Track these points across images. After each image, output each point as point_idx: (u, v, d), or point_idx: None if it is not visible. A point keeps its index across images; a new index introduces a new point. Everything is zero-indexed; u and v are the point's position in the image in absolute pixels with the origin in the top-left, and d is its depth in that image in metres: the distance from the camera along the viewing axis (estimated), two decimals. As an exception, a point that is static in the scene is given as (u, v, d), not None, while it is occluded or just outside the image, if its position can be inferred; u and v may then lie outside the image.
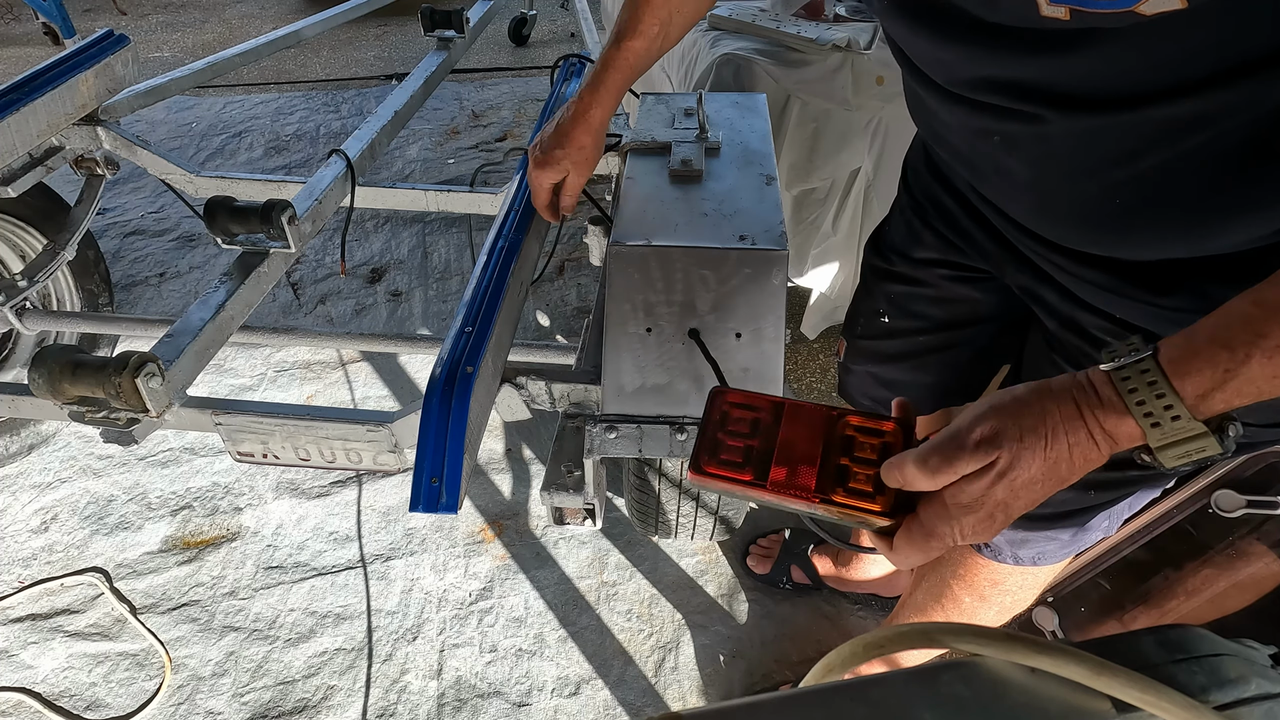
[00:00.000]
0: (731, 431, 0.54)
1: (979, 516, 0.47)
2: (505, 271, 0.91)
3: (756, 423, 0.54)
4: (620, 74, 0.81)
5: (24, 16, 4.64)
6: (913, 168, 0.90)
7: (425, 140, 3.04)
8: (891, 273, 0.94)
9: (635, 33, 0.78)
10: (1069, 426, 0.45)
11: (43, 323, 1.47)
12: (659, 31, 0.80)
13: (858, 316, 1.03)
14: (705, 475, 0.53)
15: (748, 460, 0.53)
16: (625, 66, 0.81)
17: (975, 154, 0.67)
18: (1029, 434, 0.45)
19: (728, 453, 0.53)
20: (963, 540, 0.48)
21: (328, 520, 1.58)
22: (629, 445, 0.85)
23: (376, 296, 2.22)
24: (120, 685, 1.32)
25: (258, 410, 0.86)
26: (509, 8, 3.87)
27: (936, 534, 0.48)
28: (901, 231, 0.93)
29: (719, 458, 0.53)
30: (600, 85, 0.83)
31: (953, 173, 0.77)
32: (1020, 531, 0.83)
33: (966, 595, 0.96)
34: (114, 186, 2.70)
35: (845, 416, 0.53)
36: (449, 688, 1.32)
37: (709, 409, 0.56)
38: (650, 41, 0.79)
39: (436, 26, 1.78)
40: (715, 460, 0.53)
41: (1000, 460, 0.45)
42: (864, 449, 0.51)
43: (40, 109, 1.23)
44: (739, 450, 0.53)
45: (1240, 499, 0.89)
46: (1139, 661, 0.32)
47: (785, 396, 0.55)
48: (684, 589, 1.47)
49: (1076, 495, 0.77)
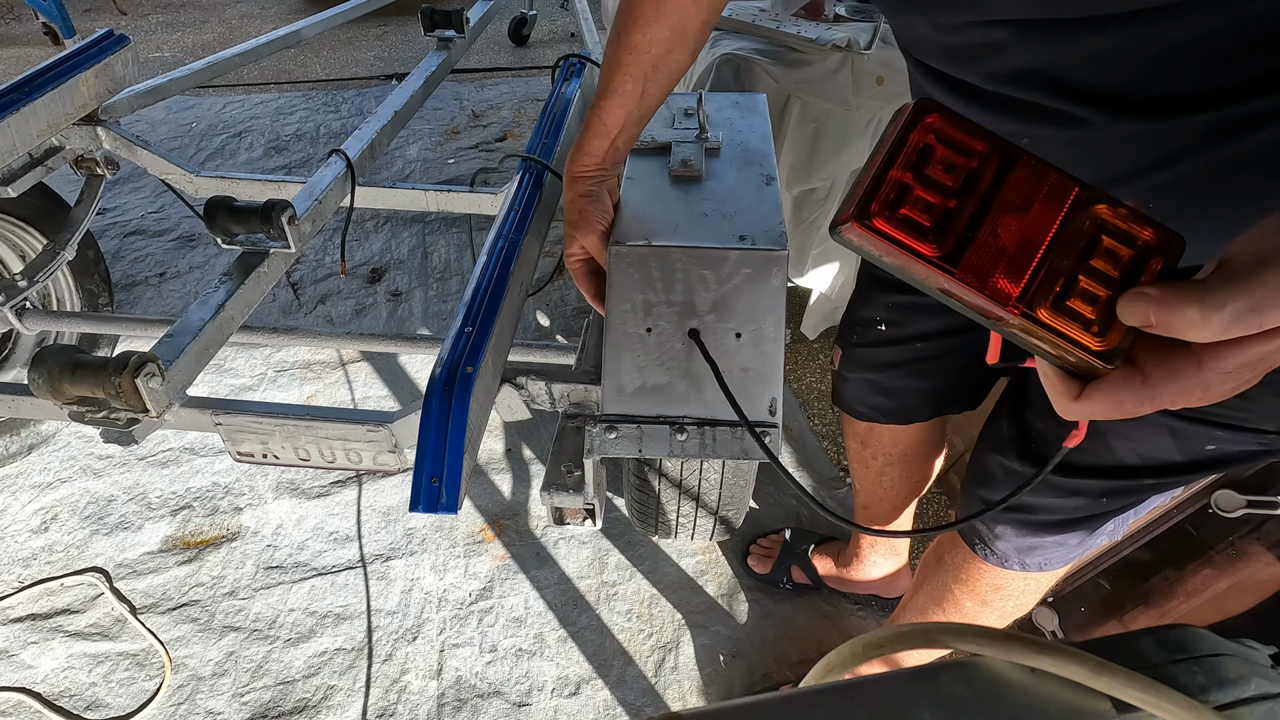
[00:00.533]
0: (928, 177, 0.38)
1: (1232, 386, 0.35)
2: (505, 271, 0.91)
3: (964, 172, 0.38)
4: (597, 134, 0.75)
5: (24, 16, 4.64)
6: None
7: (425, 140, 3.04)
8: (890, 282, 0.93)
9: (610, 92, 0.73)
10: None
11: (43, 323, 1.47)
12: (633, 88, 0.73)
13: (854, 325, 1.02)
14: (871, 231, 0.38)
15: (939, 226, 0.38)
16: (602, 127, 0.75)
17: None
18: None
19: (914, 206, 0.38)
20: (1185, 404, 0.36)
21: (328, 520, 1.58)
22: (629, 445, 0.85)
23: (376, 296, 2.22)
24: (120, 685, 1.32)
25: (258, 410, 0.86)
26: (509, 8, 3.87)
27: (1161, 397, 0.36)
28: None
29: (898, 211, 0.38)
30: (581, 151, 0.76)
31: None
32: (1030, 538, 0.83)
33: (968, 599, 0.96)
34: (114, 186, 2.70)
35: (1099, 202, 0.37)
36: (449, 688, 1.32)
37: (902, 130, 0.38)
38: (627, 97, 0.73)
39: (436, 26, 1.78)
40: (892, 213, 0.38)
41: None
42: (1105, 256, 0.37)
43: (40, 109, 1.23)
44: (930, 207, 0.38)
45: (1240, 499, 0.90)
46: (1139, 661, 0.32)
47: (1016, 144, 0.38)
48: (684, 589, 1.47)
49: (1090, 503, 0.76)
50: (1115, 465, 0.72)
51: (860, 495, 1.27)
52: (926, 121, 0.38)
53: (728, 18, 1.66)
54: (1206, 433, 0.64)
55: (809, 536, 1.48)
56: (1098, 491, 0.75)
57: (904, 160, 0.38)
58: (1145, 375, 0.36)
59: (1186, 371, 0.35)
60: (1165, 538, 1.00)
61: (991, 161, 0.38)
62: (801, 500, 1.63)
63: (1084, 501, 0.76)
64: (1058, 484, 0.77)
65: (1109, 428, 0.69)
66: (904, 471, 1.17)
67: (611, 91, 0.73)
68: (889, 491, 1.21)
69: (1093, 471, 0.74)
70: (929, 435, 1.12)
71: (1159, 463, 0.69)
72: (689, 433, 0.85)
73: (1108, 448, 0.71)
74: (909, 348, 0.95)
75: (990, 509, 0.64)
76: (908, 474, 1.18)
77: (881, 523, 1.28)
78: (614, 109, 0.74)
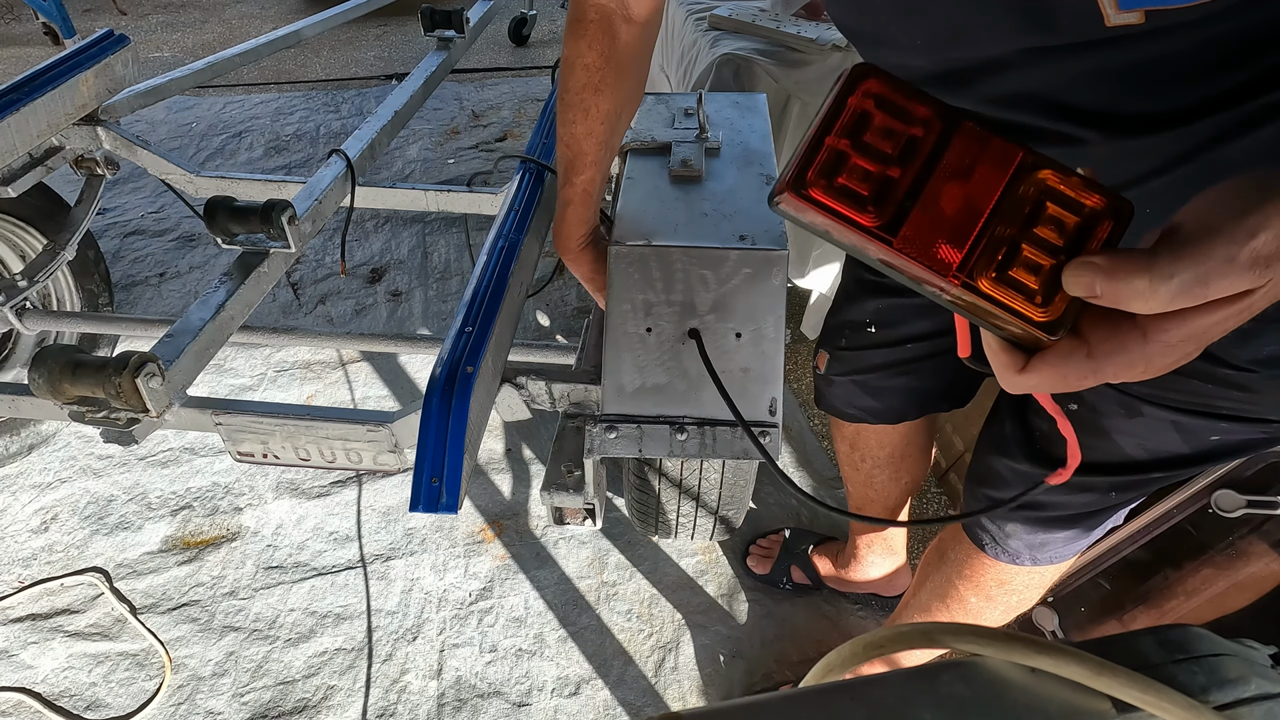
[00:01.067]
0: (866, 145, 0.36)
1: (1174, 360, 0.35)
2: (505, 271, 0.91)
3: (905, 139, 0.36)
4: (582, 206, 0.81)
5: (24, 16, 4.64)
6: None
7: (425, 140, 3.04)
8: (879, 285, 0.93)
9: (580, 167, 0.78)
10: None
11: (43, 323, 1.47)
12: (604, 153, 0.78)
13: (842, 329, 1.01)
14: (807, 201, 0.36)
15: (877, 195, 0.36)
16: (584, 199, 0.80)
17: None
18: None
19: (851, 175, 0.36)
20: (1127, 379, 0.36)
21: (328, 520, 1.58)
22: (629, 445, 0.85)
23: (376, 296, 2.22)
24: (120, 685, 1.32)
25: (258, 410, 0.86)
26: (509, 8, 3.88)
27: (1104, 370, 0.35)
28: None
29: (835, 180, 0.36)
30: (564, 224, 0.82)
31: None
32: (1041, 535, 0.83)
33: (972, 595, 0.95)
34: (114, 186, 2.70)
35: (1044, 168, 0.36)
36: (449, 688, 1.32)
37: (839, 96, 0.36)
38: (597, 170, 0.78)
39: (436, 26, 1.78)
40: (829, 182, 0.36)
41: (1265, 286, 0.32)
42: (1051, 224, 0.35)
43: (40, 109, 1.23)
44: (868, 175, 0.36)
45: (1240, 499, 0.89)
46: (1139, 661, 0.32)
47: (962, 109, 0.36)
48: (684, 589, 1.47)
49: (1100, 497, 0.77)
50: (1123, 461, 0.72)
51: (852, 498, 1.27)
52: (864, 86, 0.36)
53: (728, 18, 1.66)
54: (1211, 425, 0.64)
55: (808, 536, 1.48)
56: (1106, 487, 0.75)
57: (841, 127, 0.36)
58: (1090, 348, 0.36)
59: (1131, 344, 0.35)
60: (1165, 538, 1.00)
61: (933, 127, 0.36)
62: (801, 500, 1.63)
63: (1094, 496, 0.77)
64: (1068, 482, 0.77)
65: (1113, 426, 0.70)
66: (893, 473, 1.17)
67: (590, 165, 0.78)
68: (879, 493, 1.21)
69: (1101, 469, 0.74)
70: (917, 435, 1.12)
71: (1166, 456, 0.70)
72: (689, 432, 0.85)
73: (1114, 444, 0.71)
74: (900, 349, 0.95)
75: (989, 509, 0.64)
76: (897, 475, 1.17)
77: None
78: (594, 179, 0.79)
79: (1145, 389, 0.65)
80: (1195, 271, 0.31)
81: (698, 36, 1.70)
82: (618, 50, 0.72)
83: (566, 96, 0.75)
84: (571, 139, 0.76)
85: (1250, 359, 0.56)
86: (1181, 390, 0.63)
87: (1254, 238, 0.31)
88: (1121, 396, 0.67)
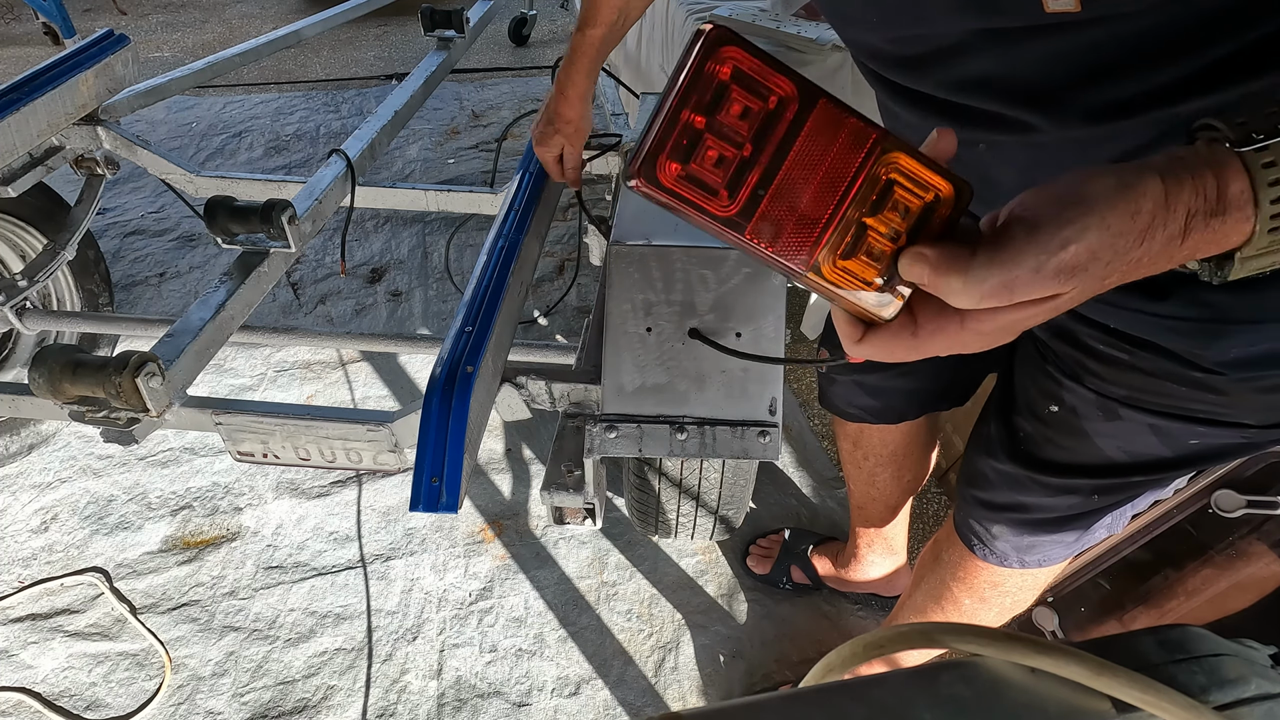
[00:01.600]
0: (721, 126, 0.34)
1: (988, 343, 0.38)
2: (505, 271, 0.91)
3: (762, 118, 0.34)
4: (586, 58, 0.92)
5: (24, 16, 4.64)
6: None
7: (425, 140, 3.04)
8: None
9: (595, 22, 0.89)
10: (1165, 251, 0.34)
11: (43, 322, 1.47)
12: (617, 18, 0.90)
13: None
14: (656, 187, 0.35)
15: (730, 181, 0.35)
16: (590, 51, 0.92)
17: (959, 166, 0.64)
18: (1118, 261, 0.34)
19: (704, 161, 0.35)
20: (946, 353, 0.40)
21: (328, 520, 1.58)
22: (629, 445, 0.85)
23: (376, 296, 2.22)
24: (120, 685, 1.32)
25: (258, 410, 0.86)
26: (509, 8, 3.87)
27: (926, 348, 0.39)
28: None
29: (689, 166, 0.35)
30: (571, 68, 0.94)
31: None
32: (1028, 537, 0.83)
33: (966, 597, 0.96)
34: (114, 186, 2.70)
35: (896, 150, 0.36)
36: (449, 688, 1.32)
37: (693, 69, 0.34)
38: (610, 28, 0.90)
39: (436, 26, 1.78)
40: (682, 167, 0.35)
41: (1071, 294, 0.35)
42: (896, 209, 0.36)
43: (40, 109, 1.23)
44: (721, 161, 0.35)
45: (1240, 499, 0.89)
46: (1139, 661, 0.32)
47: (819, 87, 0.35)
48: (684, 589, 1.47)
49: (1083, 500, 0.76)
50: (1104, 464, 0.72)
51: (854, 496, 1.28)
52: (723, 52, 0.33)
53: (727, 18, 1.66)
54: (1189, 429, 0.64)
55: (808, 536, 1.49)
56: (1089, 490, 0.75)
57: (697, 102, 0.34)
58: (916, 328, 0.39)
59: (950, 329, 0.38)
60: (1165, 538, 1.00)
61: (789, 105, 0.35)
62: (801, 500, 1.63)
63: (1077, 499, 0.77)
64: (1049, 483, 0.77)
65: (1093, 429, 0.70)
66: (895, 472, 1.17)
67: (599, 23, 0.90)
68: (881, 492, 1.21)
69: (1083, 471, 0.74)
70: (919, 434, 1.13)
71: (1147, 459, 0.70)
72: (689, 432, 0.85)
73: (1095, 447, 0.71)
74: None
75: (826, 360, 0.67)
76: (899, 474, 1.18)
77: (877, 524, 1.28)
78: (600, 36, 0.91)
79: (1123, 392, 0.65)
80: (1003, 278, 0.34)
81: (698, 36, 1.69)
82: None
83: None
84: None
85: (1218, 361, 0.56)
86: (1157, 393, 0.63)
87: (1064, 249, 0.33)
88: (1100, 399, 0.67)
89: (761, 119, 0.35)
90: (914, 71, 0.58)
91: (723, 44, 0.34)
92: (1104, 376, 0.66)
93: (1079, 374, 0.68)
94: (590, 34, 0.90)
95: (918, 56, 0.57)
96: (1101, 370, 0.65)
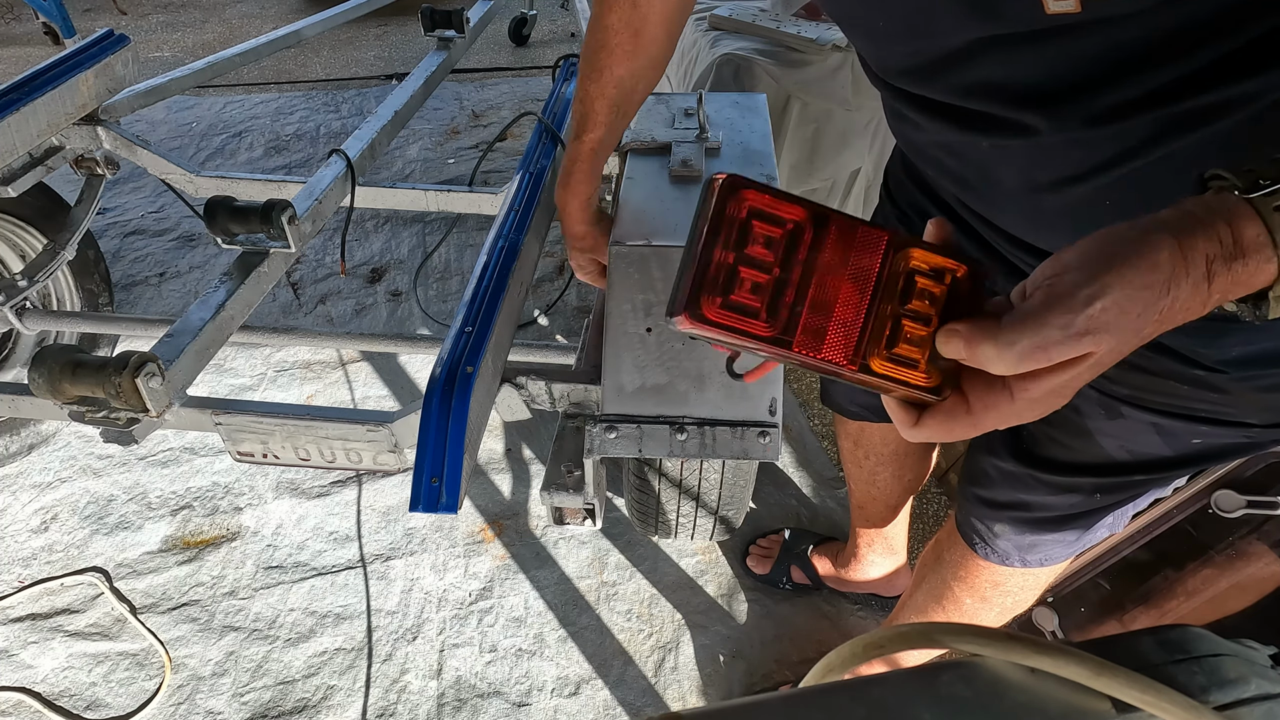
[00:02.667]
0: (749, 257, 0.38)
1: (1043, 410, 0.39)
2: (505, 271, 0.91)
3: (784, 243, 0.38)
4: (583, 165, 0.82)
5: (24, 16, 4.64)
6: (895, 178, 0.89)
7: (425, 140, 3.04)
8: None
9: (592, 125, 0.79)
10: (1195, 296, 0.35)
11: (43, 322, 1.47)
12: (614, 117, 0.80)
13: None
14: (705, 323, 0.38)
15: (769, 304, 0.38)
16: (588, 156, 0.82)
17: (964, 166, 0.64)
18: (1149, 311, 0.35)
19: (741, 288, 0.38)
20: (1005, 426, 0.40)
21: (328, 520, 1.58)
22: (629, 445, 0.85)
23: (376, 296, 2.22)
24: (120, 685, 1.32)
25: (258, 410, 0.86)
26: (509, 8, 3.87)
27: (983, 424, 0.39)
28: None
29: (729, 298, 0.38)
30: (568, 180, 0.84)
31: (939, 185, 0.76)
32: (1029, 536, 0.83)
33: (967, 597, 0.96)
34: (114, 186, 2.70)
35: (909, 247, 0.39)
36: (449, 688, 1.32)
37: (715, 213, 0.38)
38: (608, 129, 0.80)
39: (436, 26, 1.78)
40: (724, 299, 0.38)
41: (1102, 350, 0.35)
42: (922, 296, 0.39)
43: (40, 109, 1.22)
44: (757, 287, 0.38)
45: (1240, 499, 0.89)
46: (1139, 661, 0.32)
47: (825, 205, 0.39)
48: (684, 589, 1.47)
49: (1085, 499, 0.76)
50: (1106, 462, 0.72)
51: (855, 495, 1.28)
52: (740, 196, 0.38)
53: (727, 18, 1.66)
54: (1191, 429, 0.64)
55: (808, 536, 1.49)
56: (1091, 488, 0.75)
57: (725, 240, 0.38)
58: (969, 405, 0.40)
59: (1001, 402, 0.38)
60: (1165, 538, 1.00)
61: (806, 226, 0.38)
62: (801, 500, 1.63)
63: (1079, 498, 0.77)
64: (1052, 482, 0.77)
65: (1095, 427, 0.70)
66: (896, 471, 1.17)
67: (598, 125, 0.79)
68: (882, 491, 1.21)
69: (1085, 469, 0.74)
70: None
71: (1149, 458, 0.70)
72: (689, 432, 0.85)
73: (1097, 445, 0.71)
74: None
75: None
76: (900, 474, 1.18)
77: (878, 524, 1.28)
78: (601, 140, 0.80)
79: (1126, 391, 0.65)
80: (1033, 340, 0.35)
81: (698, 36, 1.70)
82: (636, 17, 0.74)
83: (586, 54, 0.78)
84: (585, 96, 0.78)
85: (1219, 360, 0.56)
86: (1159, 392, 0.63)
87: (1089, 306, 0.34)
88: (1102, 398, 0.67)
89: (784, 244, 0.38)
90: (921, 78, 0.59)
91: (736, 188, 0.37)
92: (1108, 375, 0.66)
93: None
94: (588, 139, 0.80)
95: (924, 65, 0.58)
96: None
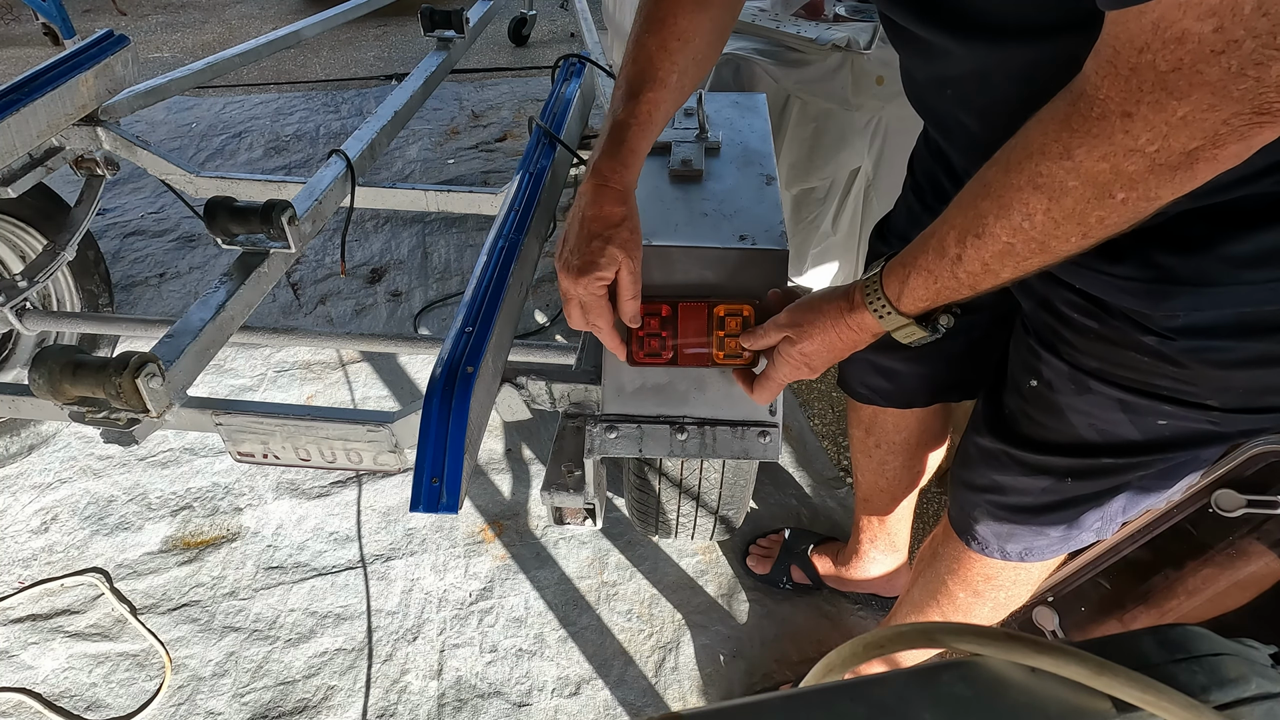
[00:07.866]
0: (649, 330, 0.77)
1: (794, 365, 0.70)
2: (505, 271, 0.91)
3: (663, 319, 0.77)
4: (643, 128, 0.67)
5: (24, 16, 4.64)
6: (918, 151, 0.93)
7: (425, 140, 3.04)
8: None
9: (652, 83, 0.66)
10: (834, 319, 0.65)
11: (43, 323, 1.47)
12: (677, 75, 0.68)
13: None
14: (639, 362, 0.78)
15: (664, 346, 0.77)
16: (646, 120, 0.67)
17: (940, 111, 0.70)
18: (809, 321, 0.66)
19: (649, 347, 0.77)
20: (789, 379, 0.72)
21: (328, 520, 1.58)
22: (629, 445, 0.85)
23: (376, 296, 2.22)
24: (120, 685, 1.32)
25: (258, 410, 0.86)
26: (509, 8, 3.87)
27: (776, 376, 0.72)
28: (904, 215, 0.95)
29: (645, 350, 0.78)
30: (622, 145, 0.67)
31: (948, 148, 0.78)
32: (1005, 525, 0.84)
33: (961, 591, 0.97)
34: (114, 186, 2.70)
35: (715, 306, 0.76)
36: (449, 688, 1.32)
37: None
38: (671, 90, 0.67)
39: (436, 26, 1.78)
40: (644, 352, 0.78)
41: (791, 336, 0.68)
42: (732, 323, 0.76)
43: (40, 109, 1.22)
44: (658, 340, 0.77)
45: (1240, 499, 0.89)
46: (1139, 661, 0.32)
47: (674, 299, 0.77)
48: (684, 589, 1.47)
49: (1056, 483, 0.77)
50: (1077, 442, 0.74)
51: (862, 487, 1.27)
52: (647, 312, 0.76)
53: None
54: (1155, 407, 0.66)
55: (808, 536, 1.49)
56: (1062, 470, 0.76)
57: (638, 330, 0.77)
58: (768, 370, 0.73)
59: (776, 360, 0.71)
60: (1165, 538, 0.99)
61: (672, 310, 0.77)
62: (801, 500, 1.63)
63: (1050, 482, 0.78)
64: (1024, 460, 0.78)
65: (1067, 403, 0.72)
66: (906, 461, 1.18)
67: (659, 83, 0.67)
68: (890, 482, 1.21)
69: (1055, 448, 0.75)
70: (931, 424, 1.13)
71: (1117, 441, 0.71)
72: (689, 432, 0.85)
73: (1068, 423, 0.73)
74: None
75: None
76: (909, 464, 1.18)
77: (881, 516, 1.28)
78: (662, 102, 0.68)
79: (1094, 363, 0.68)
80: (774, 328, 0.70)
81: (697, 36, 1.69)
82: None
83: (645, 7, 0.69)
84: (642, 52, 0.67)
85: (1168, 326, 0.59)
86: (1122, 364, 0.66)
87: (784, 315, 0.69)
88: (1072, 371, 0.70)
89: (662, 319, 0.77)
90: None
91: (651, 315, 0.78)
92: (1076, 346, 0.69)
93: (1055, 345, 0.71)
94: (647, 98, 0.66)
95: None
96: (1074, 340, 0.69)
